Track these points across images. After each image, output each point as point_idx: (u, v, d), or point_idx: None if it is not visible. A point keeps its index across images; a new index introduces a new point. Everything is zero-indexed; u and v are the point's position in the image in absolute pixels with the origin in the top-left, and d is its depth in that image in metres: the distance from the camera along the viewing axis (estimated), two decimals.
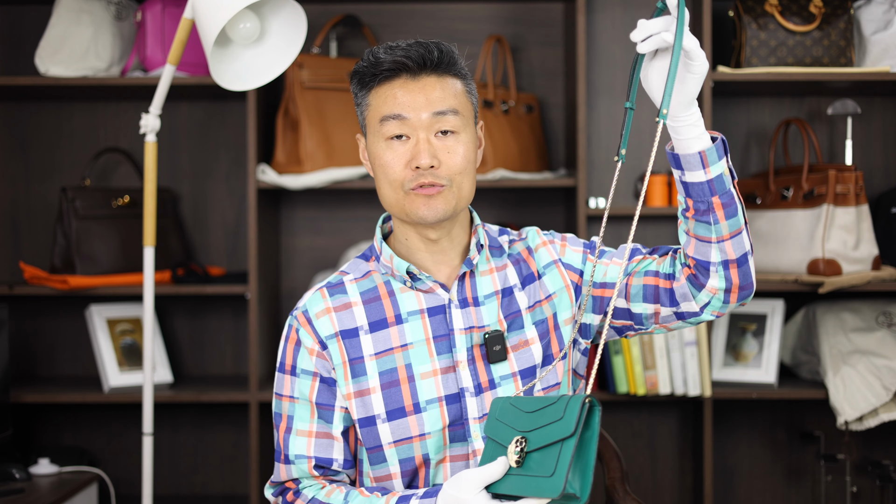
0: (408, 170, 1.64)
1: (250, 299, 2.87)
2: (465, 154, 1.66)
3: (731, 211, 1.56)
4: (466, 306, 1.70)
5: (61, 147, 3.18)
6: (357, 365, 1.68)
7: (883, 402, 2.75)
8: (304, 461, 1.70)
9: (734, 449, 3.17)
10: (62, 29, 2.87)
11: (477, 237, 1.73)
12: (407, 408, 1.67)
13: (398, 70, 1.64)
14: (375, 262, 1.75)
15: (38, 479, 2.75)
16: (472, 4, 3.16)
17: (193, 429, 3.21)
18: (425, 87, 1.64)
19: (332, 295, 1.72)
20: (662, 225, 3.15)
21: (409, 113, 1.63)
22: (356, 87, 1.70)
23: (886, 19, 2.86)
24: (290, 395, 1.72)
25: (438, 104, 1.64)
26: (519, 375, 1.69)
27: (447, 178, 1.64)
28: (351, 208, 3.18)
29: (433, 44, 1.65)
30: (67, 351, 3.20)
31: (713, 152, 1.53)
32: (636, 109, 3.14)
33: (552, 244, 1.77)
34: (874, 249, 2.81)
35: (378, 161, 1.66)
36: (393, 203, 1.67)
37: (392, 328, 1.69)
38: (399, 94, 1.64)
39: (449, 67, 1.66)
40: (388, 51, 1.65)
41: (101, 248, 2.93)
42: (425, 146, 1.63)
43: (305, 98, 2.91)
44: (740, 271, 1.59)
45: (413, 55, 1.63)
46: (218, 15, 2.23)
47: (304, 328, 1.71)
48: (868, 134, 3.13)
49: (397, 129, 1.64)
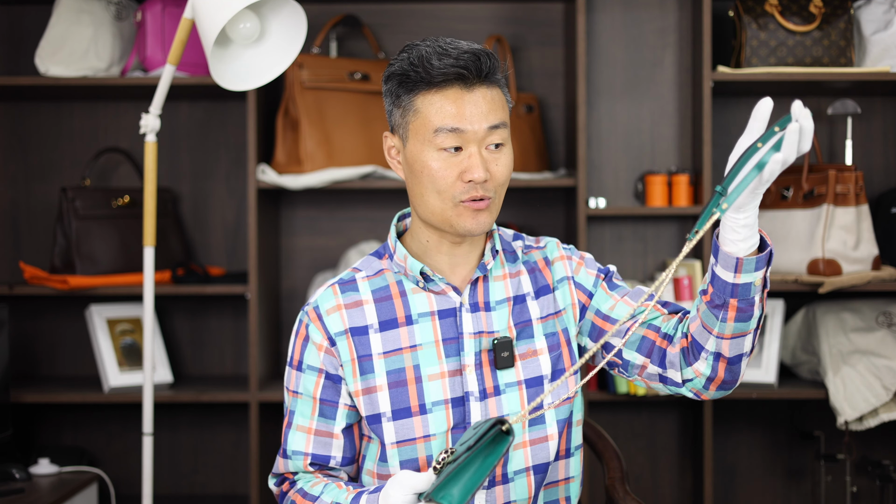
0: (459, 182, 1.63)
1: (250, 299, 2.87)
2: (509, 164, 1.66)
3: (745, 316, 1.54)
4: (477, 311, 1.70)
5: (61, 147, 3.18)
6: (365, 362, 1.68)
7: (883, 402, 2.75)
8: (301, 457, 1.71)
9: (734, 449, 3.17)
10: (62, 29, 2.87)
11: (493, 242, 1.74)
12: (413, 408, 1.67)
13: (451, 79, 1.62)
14: (388, 261, 1.75)
15: (38, 479, 2.75)
16: (472, 4, 3.16)
17: (193, 429, 3.21)
18: (479, 99, 1.63)
19: (344, 292, 1.73)
20: (662, 225, 3.15)
21: (466, 126, 1.62)
22: (398, 87, 1.66)
23: (886, 19, 2.86)
24: (295, 391, 1.73)
25: (492, 117, 1.63)
26: (525, 384, 1.69)
27: (493, 190, 1.65)
28: (351, 208, 3.18)
29: (482, 52, 1.63)
30: (67, 351, 3.20)
31: (751, 263, 1.50)
32: (635, 103, 3.15)
33: (569, 260, 1.77)
34: (874, 249, 2.81)
35: (426, 170, 1.64)
36: (438, 212, 1.66)
37: (402, 328, 1.69)
38: (453, 105, 1.62)
39: (495, 75, 1.65)
40: (440, 57, 1.61)
41: (101, 248, 2.93)
42: (479, 160, 1.62)
43: (305, 98, 2.91)
44: (729, 369, 1.61)
45: (469, 65, 1.61)
46: (218, 15, 2.23)
47: (313, 324, 1.71)
48: (868, 134, 3.14)
49: (454, 142, 1.62)
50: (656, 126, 3.14)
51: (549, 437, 1.70)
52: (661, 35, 3.13)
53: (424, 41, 1.65)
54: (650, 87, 3.13)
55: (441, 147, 1.62)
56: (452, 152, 1.63)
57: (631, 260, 3.15)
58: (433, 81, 1.62)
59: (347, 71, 2.98)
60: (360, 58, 3.13)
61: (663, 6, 3.12)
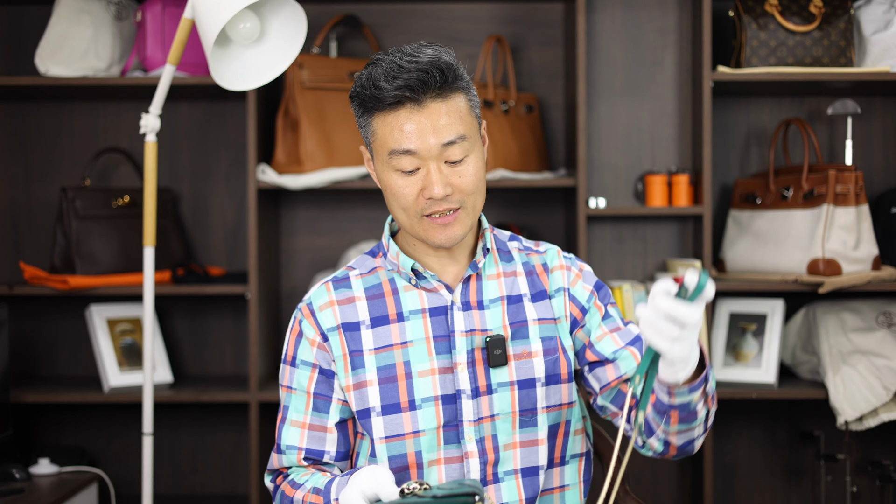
0: (420, 198, 1.63)
1: (250, 299, 2.87)
2: (476, 173, 1.65)
3: (688, 419, 1.55)
4: (469, 309, 1.71)
5: (61, 147, 3.18)
6: (356, 357, 1.69)
7: (883, 402, 2.75)
8: (294, 452, 1.72)
9: (734, 449, 3.17)
10: (62, 29, 2.87)
11: (484, 241, 1.74)
12: (402, 404, 1.67)
13: (402, 100, 1.61)
14: (382, 259, 1.76)
15: (38, 479, 2.75)
16: (472, 4, 3.16)
17: (193, 429, 3.21)
18: (431, 115, 1.61)
19: (337, 289, 1.74)
20: (662, 225, 3.15)
21: (418, 146, 1.62)
22: (357, 109, 1.67)
23: (886, 19, 2.86)
24: (289, 386, 1.74)
25: (446, 133, 1.62)
26: (517, 385, 1.70)
27: (460, 201, 1.64)
28: (351, 208, 3.18)
29: (434, 65, 1.60)
30: (67, 351, 3.20)
31: (684, 391, 1.49)
32: (635, 103, 3.14)
33: (567, 270, 1.77)
34: (874, 249, 2.81)
35: (389, 189, 1.66)
36: (407, 227, 1.68)
37: (393, 325, 1.70)
38: (406, 127, 1.61)
39: (452, 84, 1.63)
40: (389, 79, 1.60)
41: (101, 248, 2.93)
42: (437, 176, 1.62)
43: (305, 98, 2.91)
44: (680, 449, 1.63)
45: (414, 84, 1.59)
46: (218, 15, 2.23)
47: (307, 320, 1.73)
48: (868, 134, 3.13)
49: (408, 165, 1.63)
50: (656, 126, 3.14)
51: (538, 441, 1.71)
52: (661, 35, 3.13)
53: (386, 55, 1.63)
54: (650, 87, 3.13)
55: (398, 169, 1.63)
56: (410, 174, 1.63)
57: (631, 260, 3.15)
58: (384, 104, 1.62)
59: (347, 71, 2.98)
60: (360, 58, 3.13)
61: (663, 6, 3.12)
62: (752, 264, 2.94)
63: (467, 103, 1.66)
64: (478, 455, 1.68)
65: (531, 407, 1.69)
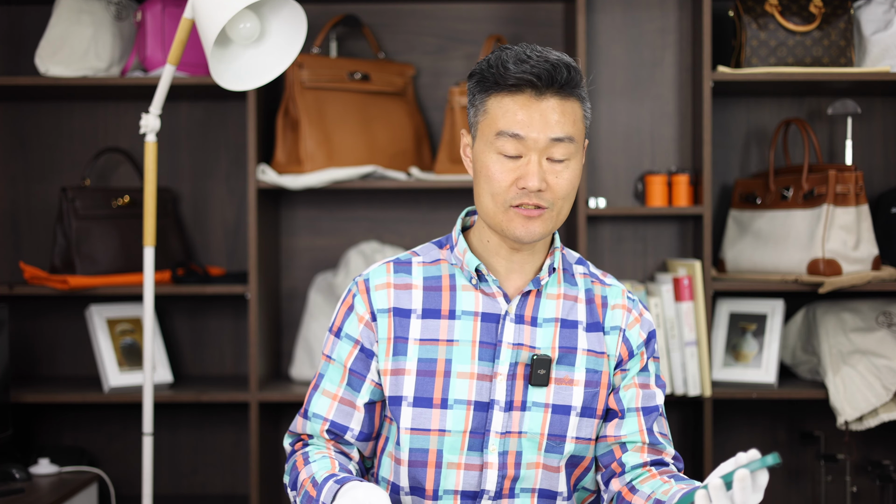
0: (513, 187, 1.63)
1: (250, 299, 2.87)
2: (572, 179, 1.65)
3: None
4: (522, 323, 1.70)
5: (61, 147, 3.18)
6: (400, 344, 1.69)
7: (883, 402, 2.75)
8: (320, 421, 1.73)
9: (734, 449, 3.16)
10: (62, 29, 2.87)
11: (552, 259, 1.72)
12: (434, 400, 1.67)
13: (523, 85, 1.61)
14: (448, 252, 1.75)
15: (38, 479, 2.75)
16: (472, 4, 3.16)
17: (193, 429, 3.21)
18: (547, 108, 1.61)
19: (397, 272, 1.74)
20: (662, 225, 3.15)
21: (527, 133, 1.61)
22: (475, 86, 1.67)
23: (886, 19, 2.86)
24: (329, 355, 1.75)
25: (557, 129, 1.62)
26: (551, 409, 1.68)
27: (550, 202, 1.63)
28: (351, 208, 3.18)
29: (563, 63, 1.62)
30: (67, 351, 3.20)
31: None
32: (635, 103, 3.15)
33: (628, 312, 1.76)
34: (874, 249, 2.81)
35: (484, 170, 1.65)
36: (491, 215, 1.66)
37: (443, 320, 1.70)
38: (521, 112, 1.61)
39: (574, 89, 1.64)
40: (518, 62, 1.61)
41: (101, 248, 2.93)
42: (536, 169, 1.61)
43: (305, 98, 2.91)
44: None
45: (542, 73, 1.60)
46: (218, 15, 2.23)
47: (360, 295, 1.73)
48: (868, 134, 3.13)
49: (512, 148, 1.62)
50: (656, 126, 3.14)
51: (559, 468, 1.70)
52: (661, 35, 3.13)
53: (516, 46, 1.65)
54: (650, 87, 3.13)
55: (500, 151, 1.63)
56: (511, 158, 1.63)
57: (631, 260, 3.15)
58: (505, 84, 1.62)
59: (347, 71, 2.98)
60: (360, 58, 3.13)
61: (663, 6, 3.12)
62: (752, 264, 2.94)
63: (581, 112, 1.66)
64: (497, 468, 1.67)
65: (561, 433, 1.68)
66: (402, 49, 3.16)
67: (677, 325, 2.83)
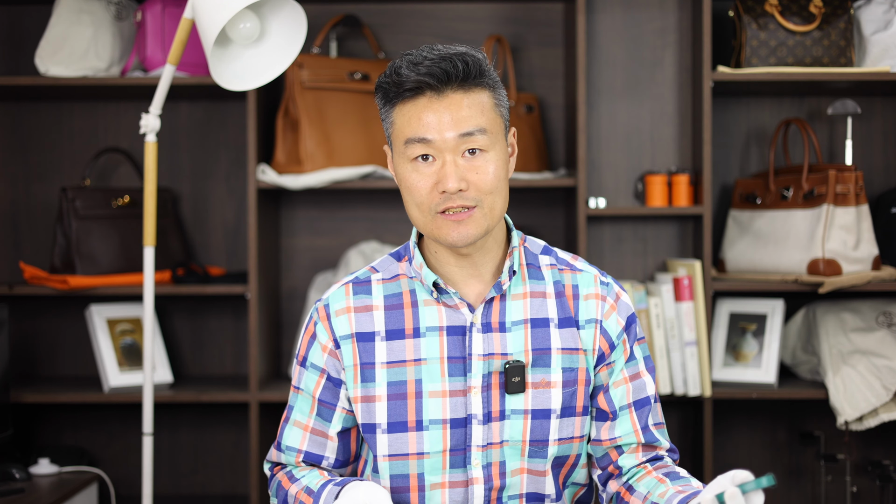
0: (434, 193, 1.58)
1: (250, 299, 2.87)
2: (495, 172, 1.59)
3: None
4: (490, 331, 1.64)
5: (61, 147, 3.18)
6: (367, 370, 1.65)
7: (883, 402, 2.75)
8: (293, 453, 1.71)
9: (734, 449, 3.17)
10: (62, 29, 2.87)
11: (511, 261, 1.66)
12: (409, 423, 1.63)
13: (421, 88, 1.57)
14: (407, 265, 1.70)
15: (38, 479, 2.75)
16: (472, 4, 3.16)
17: (193, 429, 3.21)
18: (451, 105, 1.57)
19: (356, 294, 1.69)
20: (662, 225, 3.15)
21: (434, 135, 1.57)
22: (380, 101, 1.63)
23: (886, 19, 2.86)
24: (297, 386, 1.72)
25: (465, 124, 1.57)
26: (531, 415, 1.64)
27: (476, 199, 1.58)
28: (351, 208, 3.18)
29: (459, 56, 1.57)
30: (67, 351, 3.20)
31: None
32: (635, 103, 3.14)
33: (602, 301, 1.69)
34: (874, 249, 2.81)
35: (404, 183, 1.61)
36: (422, 225, 1.62)
37: (408, 340, 1.65)
38: (423, 114, 1.57)
39: (477, 79, 1.59)
40: (411, 66, 1.57)
41: (101, 248, 2.93)
42: (452, 169, 1.56)
43: (305, 98, 2.91)
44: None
45: (436, 72, 1.56)
46: (218, 15, 2.23)
47: (321, 322, 1.69)
48: (868, 134, 3.13)
49: (422, 152, 1.58)
50: (656, 126, 3.14)
51: (545, 471, 1.67)
52: (661, 35, 3.13)
53: (415, 49, 1.61)
54: (650, 87, 3.13)
55: (412, 157, 1.59)
56: (425, 161, 1.58)
57: (631, 260, 3.15)
58: (404, 91, 1.58)
59: (347, 71, 2.98)
60: (360, 58, 3.13)
61: (663, 6, 3.12)
62: (752, 264, 2.94)
63: (492, 100, 1.61)
64: (483, 482, 1.64)
65: (543, 438, 1.64)
66: (403, 49, 3.16)
67: (677, 325, 2.83)
